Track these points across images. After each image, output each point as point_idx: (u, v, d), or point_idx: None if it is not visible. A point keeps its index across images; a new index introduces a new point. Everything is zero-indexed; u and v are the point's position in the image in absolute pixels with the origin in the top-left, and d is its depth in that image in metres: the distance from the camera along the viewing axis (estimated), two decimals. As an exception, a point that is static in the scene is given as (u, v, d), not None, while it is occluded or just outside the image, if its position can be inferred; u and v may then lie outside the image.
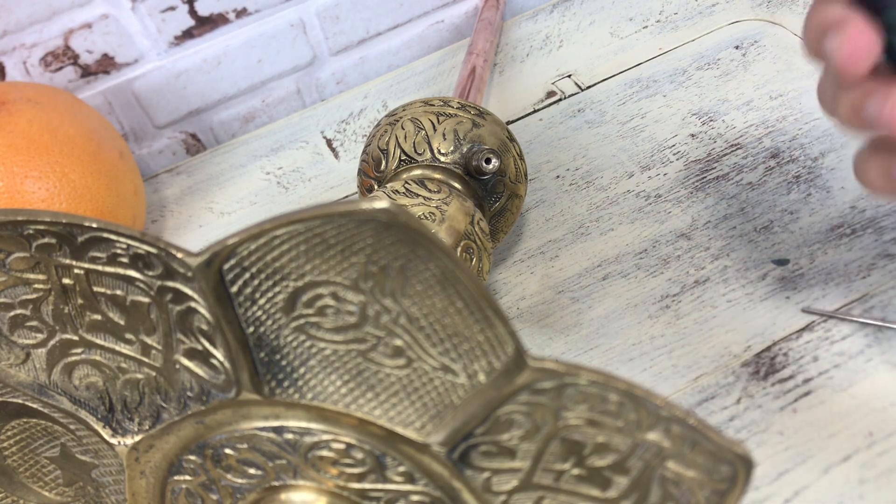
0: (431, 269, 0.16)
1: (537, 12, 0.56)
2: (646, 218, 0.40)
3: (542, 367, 0.17)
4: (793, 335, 0.33)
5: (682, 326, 0.35)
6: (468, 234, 0.31)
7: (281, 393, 0.19)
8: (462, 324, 0.16)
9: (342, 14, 0.53)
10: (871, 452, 0.29)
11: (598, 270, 0.38)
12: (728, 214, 0.39)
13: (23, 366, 0.21)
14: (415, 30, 0.56)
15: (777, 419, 0.31)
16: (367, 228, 0.15)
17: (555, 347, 0.35)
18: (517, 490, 0.19)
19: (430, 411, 0.18)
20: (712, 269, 0.37)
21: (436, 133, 0.34)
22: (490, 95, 0.51)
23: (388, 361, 0.17)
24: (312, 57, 0.54)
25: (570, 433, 0.17)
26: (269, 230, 0.16)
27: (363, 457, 0.19)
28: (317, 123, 0.52)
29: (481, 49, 0.48)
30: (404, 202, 0.31)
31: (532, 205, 0.42)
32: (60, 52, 0.46)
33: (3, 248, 0.18)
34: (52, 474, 0.24)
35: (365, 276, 0.16)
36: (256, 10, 0.50)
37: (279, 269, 0.16)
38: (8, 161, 0.35)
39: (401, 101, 0.53)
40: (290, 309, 0.17)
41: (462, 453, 0.18)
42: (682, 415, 0.16)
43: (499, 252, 0.40)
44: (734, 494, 0.17)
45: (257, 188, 0.48)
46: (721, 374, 0.33)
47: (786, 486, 0.29)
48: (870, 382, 0.31)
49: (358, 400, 0.18)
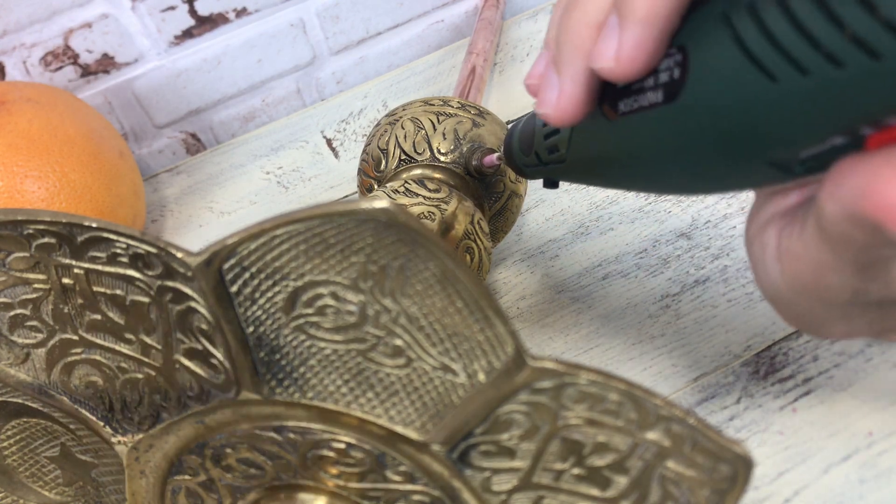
0: (431, 268, 0.16)
1: (537, 12, 0.56)
2: (646, 217, 0.40)
3: (541, 367, 0.17)
4: (793, 335, 0.33)
5: (682, 326, 0.35)
6: (468, 233, 0.31)
7: (281, 392, 0.19)
8: (462, 323, 0.16)
9: (342, 14, 0.53)
10: (871, 452, 0.29)
11: (598, 270, 0.38)
12: (728, 214, 0.39)
13: (23, 365, 0.21)
14: (415, 29, 0.56)
15: (777, 419, 0.31)
16: (367, 228, 0.15)
17: (555, 347, 0.35)
18: (517, 490, 0.19)
19: (429, 411, 0.18)
20: (712, 269, 0.37)
21: (436, 132, 0.34)
22: (490, 95, 0.51)
23: (388, 361, 0.17)
24: (312, 56, 0.54)
25: (569, 433, 0.17)
26: (269, 230, 0.16)
27: (363, 456, 0.19)
28: (317, 123, 0.52)
29: (481, 48, 0.48)
30: (404, 202, 0.31)
31: (532, 204, 0.42)
32: (60, 52, 0.46)
33: (3, 248, 0.18)
34: (52, 474, 0.24)
35: (365, 276, 0.16)
36: (256, 9, 0.50)
37: (279, 268, 0.16)
38: (8, 161, 0.35)
39: (401, 100, 0.53)
40: (290, 308, 0.17)
41: (462, 453, 0.18)
42: (682, 414, 0.16)
43: (499, 252, 0.40)
44: (734, 494, 0.17)
45: (257, 188, 0.48)
46: (721, 374, 0.33)
47: (786, 485, 0.29)
48: (870, 382, 0.31)
49: (358, 399, 0.18)
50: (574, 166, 0.24)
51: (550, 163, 0.25)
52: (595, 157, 0.22)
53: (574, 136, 0.23)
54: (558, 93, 0.19)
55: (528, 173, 0.28)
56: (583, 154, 0.23)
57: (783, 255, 0.19)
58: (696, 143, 0.17)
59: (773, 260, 0.19)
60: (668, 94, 0.17)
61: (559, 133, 0.24)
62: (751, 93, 0.15)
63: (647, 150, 0.19)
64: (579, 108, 0.19)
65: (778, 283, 0.20)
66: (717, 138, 0.16)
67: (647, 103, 0.18)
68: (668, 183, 0.19)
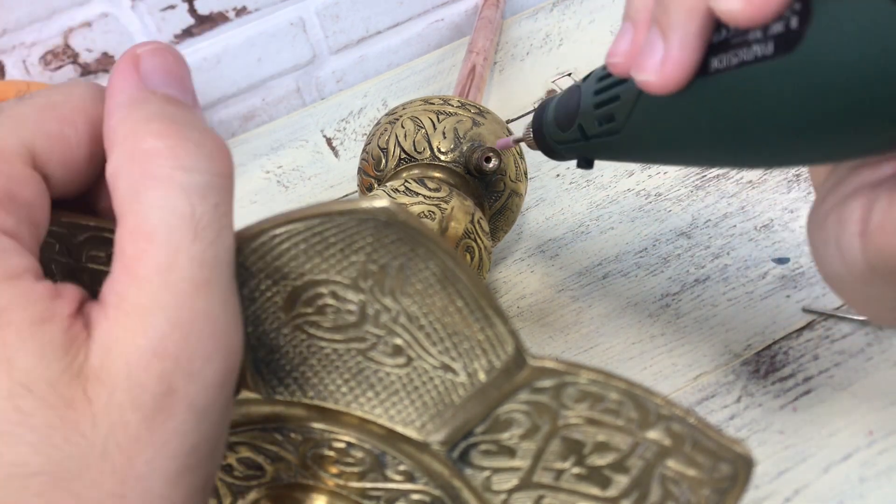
0: (431, 267, 0.16)
1: (537, 10, 0.56)
2: (646, 216, 0.40)
3: (542, 366, 0.16)
4: (793, 334, 0.33)
5: (682, 325, 0.35)
6: (468, 232, 0.31)
7: (281, 392, 0.19)
8: (462, 322, 0.16)
9: (342, 13, 0.52)
10: (872, 451, 0.29)
11: (598, 269, 0.38)
12: (728, 213, 0.39)
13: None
14: (415, 28, 0.56)
15: (777, 418, 0.31)
16: (367, 227, 0.15)
17: (555, 346, 0.35)
18: (517, 489, 0.19)
19: (430, 410, 0.18)
20: (712, 268, 0.37)
21: (436, 131, 0.34)
22: (490, 94, 0.51)
23: (388, 360, 0.17)
24: (312, 55, 0.54)
25: (570, 432, 0.17)
26: (269, 229, 0.16)
27: (363, 455, 0.19)
28: (316, 122, 0.52)
29: (481, 47, 0.48)
30: (404, 201, 0.31)
31: (532, 203, 0.42)
32: (60, 51, 0.46)
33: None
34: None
35: (365, 275, 0.16)
36: (256, 8, 0.50)
37: (279, 267, 0.16)
38: (7, 160, 0.35)
39: (401, 99, 0.53)
40: (290, 308, 0.17)
41: (462, 452, 0.18)
42: (683, 413, 0.16)
43: (499, 251, 0.40)
44: (734, 493, 0.17)
45: (257, 187, 0.48)
46: (721, 373, 0.33)
47: (786, 484, 0.29)
48: (870, 381, 0.31)
49: (358, 399, 0.18)
50: (630, 138, 0.22)
51: (597, 136, 0.23)
52: (663, 126, 0.20)
53: (641, 102, 0.21)
54: (664, 56, 0.18)
55: (560, 152, 0.26)
56: (648, 123, 0.21)
57: (874, 230, 0.18)
58: (814, 99, 0.15)
59: (852, 236, 0.18)
60: (782, 45, 0.15)
61: (616, 101, 0.22)
62: (893, 33, 0.13)
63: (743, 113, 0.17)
64: (688, 72, 0.18)
65: (854, 264, 0.18)
66: (844, 92, 0.15)
67: (751, 57, 0.16)
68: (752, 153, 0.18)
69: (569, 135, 0.25)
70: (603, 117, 0.23)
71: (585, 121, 0.24)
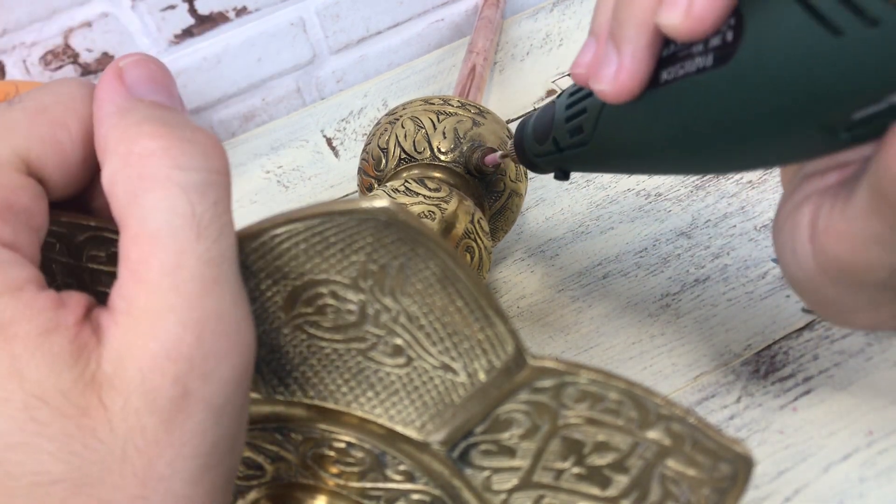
0: (431, 267, 0.16)
1: (537, 10, 0.56)
2: (646, 216, 0.40)
3: (542, 366, 0.16)
4: (793, 334, 0.33)
5: (682, 325, 0.35)
6: (468, 232, 0.31)
7: (282, 392, 0.19)
8: (462, 322, 0.16)
9: (342, 12, 0.52)
10: (872, 451, 0.29)
11: (598, 269, 0.38)
12: (728, 213, 0.39)
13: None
14: (415, 28, 0.56)
15: (777, 418, 0.31)
16: (367, 227, 0.15)
17: (555, 346, 0.35)
18: (517, 489, 0.19)
19: (430, 410, 0.18)
20: (712, 268, 0.37)
21: (436, 131, 0.34)
22: (490, 94, 0.51)
23: (388, 360, 0.17)
24: (312, 55, 0.54)
25: (570, 432, 0.17)
26: (269, 229, 0.16)
27: (363, 455, 0.19)
28: (317, 122, 0.52)
29: (481, 47, 0.48)
30: (404, 201, 0.31)
31: (532, 203, 0.42)
32: (60, 51, 0.46)
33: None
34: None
35: (365, 275, 0.16)
36: (256, 8, 0.50)
37: (279, 267, 0.16)
38: (8, 160, 0.35)
39: (401, 99, 0.53)
40: (290, 307, 0.17)
41: (462, 452, 0.18)
42: (683, 413, 0.16)
43: (499, 251, 0.40)
44: (734, 493, 0.17)
45: (257, 187, 0.48)
46: (721, 373, 0.33)
47: (786, 484, 0.29)
48: (870, 381, 0.31)
49: (358, 399, 0.18)
50: (597, 148, 0.23)
51: (569, 147, 0.24)
52: (624, 136, 0.21)
53: (604, 113, 0.22)
54: (617, 67, 0.19)
55: (539, 165, 0.27)
56: (610, 133, 0.22)
57: (819, 234, 0.19)
58: (745, 107, 0.16)
59: (804, 242, 0.19)
60: (720, 57, 0.16)
61: (584, 113, 0.23)
62: (812, 49, 0.14)
63: (688, 119, 0.18)
64: (639, 82, 0.19)
65: (807, 267, 0.20)
66: (770, 100, 0.16)
67: (693, 69, 0.17)
68: (703, 158, 0.19)
69: (545, 148, 0.26)
70: (573, 129, 0.24)
71: (559, 133, 0.25)
